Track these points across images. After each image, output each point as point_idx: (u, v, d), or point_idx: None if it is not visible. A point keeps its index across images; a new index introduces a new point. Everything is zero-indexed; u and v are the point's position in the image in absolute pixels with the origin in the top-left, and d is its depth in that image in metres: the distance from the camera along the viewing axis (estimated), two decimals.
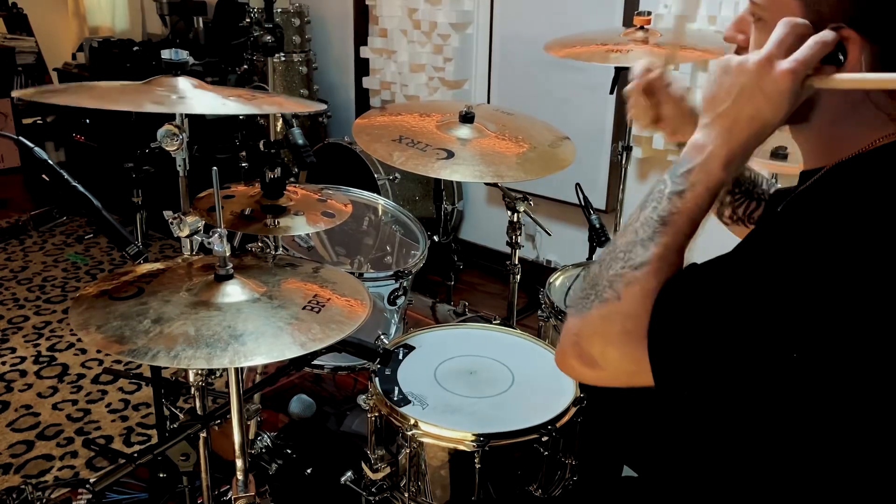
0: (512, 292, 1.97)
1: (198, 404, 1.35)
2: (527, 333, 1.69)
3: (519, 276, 1.97)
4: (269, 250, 1.89)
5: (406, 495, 1.42)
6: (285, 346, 1.04)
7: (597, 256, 2.19)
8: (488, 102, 3.28)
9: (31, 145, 1.28)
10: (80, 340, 2.84)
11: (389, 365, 1.52)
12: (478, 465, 1.32)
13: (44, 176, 1.28)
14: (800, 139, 0.94)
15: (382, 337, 1.82)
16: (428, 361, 1.56)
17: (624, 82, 2.23)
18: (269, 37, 2.36)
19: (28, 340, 2.85)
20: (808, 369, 0.74)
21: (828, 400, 0.76)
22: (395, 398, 1.42)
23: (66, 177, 1.29)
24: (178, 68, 1.36)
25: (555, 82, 3.01)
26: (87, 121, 3.99)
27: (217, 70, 3.81)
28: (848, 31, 0.79)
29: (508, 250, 1.94)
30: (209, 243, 1.15)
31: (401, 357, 1.57)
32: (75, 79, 4.21)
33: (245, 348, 1.02)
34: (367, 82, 3.75)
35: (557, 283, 1.97)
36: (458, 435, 1.33)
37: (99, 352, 2.76)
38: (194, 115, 1.39)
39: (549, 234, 2.11)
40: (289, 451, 1.85)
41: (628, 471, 1.46)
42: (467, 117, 1.81)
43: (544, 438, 1.35)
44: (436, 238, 2.87)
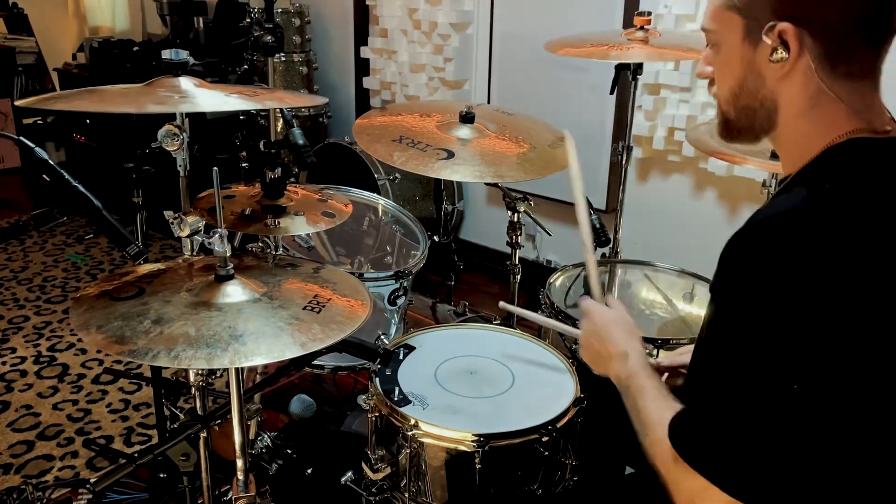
0: (512, 292, 1.97)
1: (198, 404, 1.35)
2: (527, 334, 1.69)
3: (519, 276, 1.97)
4: (269, 250, 1.89)
5: (406, 495, 1.42)
6: (285, 347, 1.04)
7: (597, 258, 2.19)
8: (488, 102, 3.28)
9: (32, 145, 1.28)
10: (80, 340, 2.84)
11: (390, 365, 1.52)
12: (478, 466, 1.32)
13: (44, 176, 1.28)
14: (776, 146, 0.98)
15: (383, 337, 1.82)
16: (428, 361, 1.56)
17: (625, 82, 2.24)
18: (269, 37, 2.36)
19: (28, 340, 2.85)
20: (811, 393, 0.79)
21: (834, 414, 0.81)
22: (396, 398, 1.42)
23: (67, 177, 1.29)
24: (179, 68, 1.36)
25: (555, 82, 3.01)
26: (88, 121, 3.99)
27: (217, 70, 3.81)
28: (782, 24, 0.85)
29: (509, 250, 1.94)
30: (210, 244, 1.15)
31: (401, 357, 1.57)
32: (75, 79, 4.21)
33: (245, 348, 1.02)
34: (367, 82, 3.75)
35: (557, 283, 1.97)
36: (458, 435, 1.33)
37: (99, 352, 2.76)
38: (194, 116, 1.40)
39: (550, 235, 2.11)
40: (289, 452, 1.85)
41: (630, 471, 1.46)
42: (467, 117, 1.81)
43: (545, 439, 1.35)
44: (436, 238, 2.87)
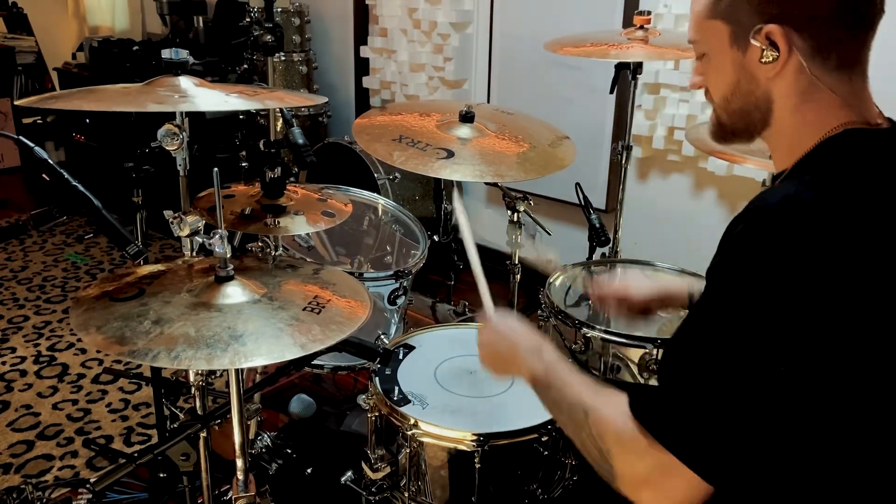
0: (512, 292, 1.97)
1: (198, 404, 1.35)
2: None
3: (519, 276, 1.97)
4: (269, 250, 1.89)
5: (406, 495, 1.42)
6: (285, 347, 1.04)
7: (597, 257, 2.19)
8: (488, 102, 3.28)
9: (32, 145, 1.28)
10: (80, 340, 2.84)
11: (389, 365, 1.52)
12: (478, 465, 1.32)
13: (44, 175, 1.28)
14: (770, 143, 0.99)
15: (382, 337, 1.82)
16: (428, 361, 1.56)
17: (625, 81, 2.24)
18: (269, 36, 2.36)
19: (28, 340, 2.85)
20: (798, 377, 0.79)
21: (821, 401, 0.80)
22: (395, 398, 1.42)
23: (67, 176, 1.29)
24: (179, 68, 1.35)
25: (555, 82, 3.01)
26: (88, 120, 3.99)
27: (217, 70, 3.80)
28: (769, 26, 0.87)
29: (508, 250, 1.94)
30: (210, 244, 1.15)
31: (401, 357, 1.57)
32: (75, 78, 4.20)
33: (245, 349, 1.02)
34: (367, 82, 3.75)
35: (557, 282, 1.97)
36: (458, 435, 1.33)
37: (99, 351, 2.76)
38: (194, 115, 1.39)
39: (549, 234, 2.11)
40: (289, 451, 1.85)
41: None
42: (467, 117, 1.81)
43: (544, 438, 1.35)
44: (436, 238, 2.87)
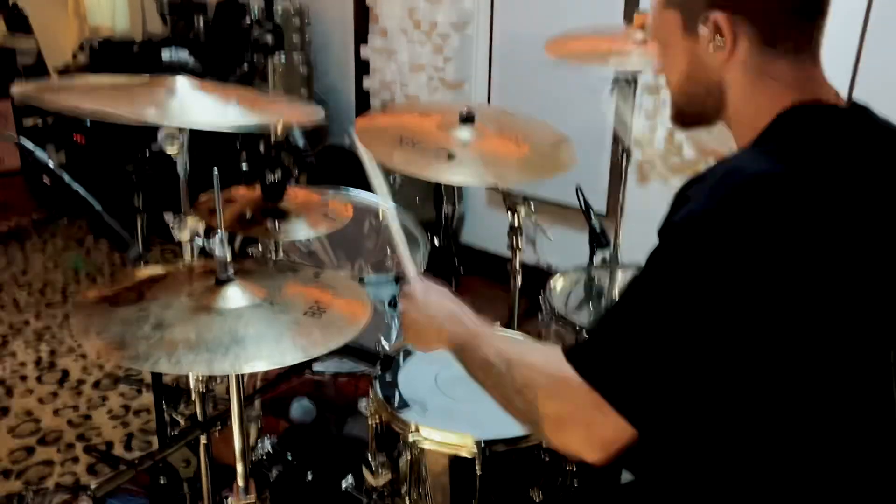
0: (513, 296, 1.96)
1: (198, 410, 1.35)
2: (529, 338, 1.68)
3: (520, 280, 1.96)
4: (269, 254, 1.89)
5: (407, 501, 1.41)
6: (286, 351, 1.04)
7: (595, 269, 2.18)
8: (488, 103, 3.28)
9: (33, 148, 1.27)
10: (80, 345, 2.83)
11: (390, 370, 1.52)
12: (479, 472, 1.31)
13: (45, 178, 1.28)
14: (729, 126, 1.00)
15: (383, 341, 1.82)
16: (428, 367, 1.55)
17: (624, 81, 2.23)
18: (269, 37, 2.36)
19: (29, 345, 2.84)
20: (732, 339, 0.81)
21: (751, 366, 0.83)
22: (396, 404, 1.42)
23: (67, 179, 1.28)
24: (179, 68, 1.35)
25: (555, 83, 3.01)
26: (88, 123, 3.98)
27: (217, 70, 3.80)
28: (715, 14, 0.89)
29: (509, 254, 1.93)
30: (210, 247, 1.14)
31: (401, 362, 1.57)
32: None
33: (246, 353, 1.01)
34: (367, 82, 3.75)
35: (558, 287, 1.96)
36: (458, 441, 1.32)
37: (99, 356, 2.75)
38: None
39: (550, 239, 2.10)
40: (289, 457, 1.84)
41: (627, 476, 1.45)
42: (468, 118, 1.80)
43: (545, 444, 1.34)
44: (436, 241, 2.86)
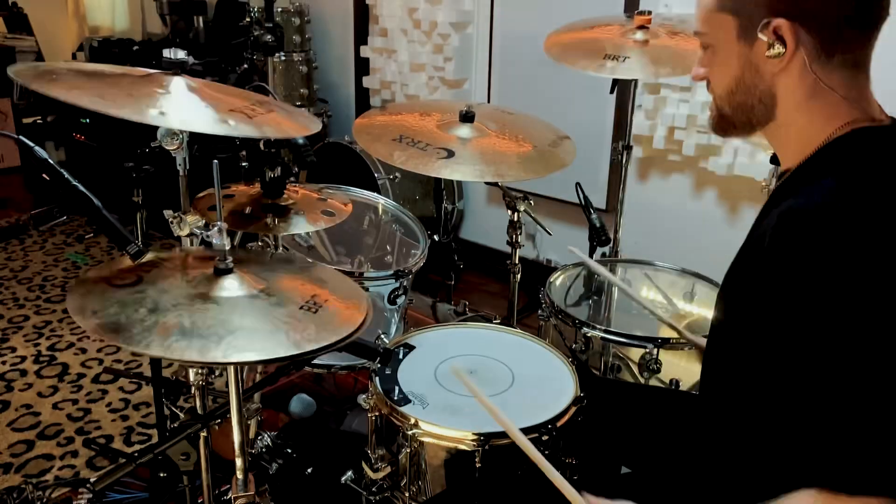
0: (512, 292, 1.97)
1: (198, 404, 1.35)
2: (527, 333, 1.68)
3: (519, 276, 1.97)
4: (269, 249, 1.89)
5: (406, 495, 1.42)
6: (279, 345, 1.03)
7: (597, 257, 2.19)
8: (488, 102, 3.28)
9: (32, 144, 1.27)
10: (80, 340, 2.84)
11: (390, 364, 1.52)
12: (478, 465, 1.32)
13: (44, 175, 1.28)
14: (773, 140, 1.00)
15: (383, 336, 1.82)
16: (428, 361, 1.55)
17: (624, 81, 2.23)
18: (269, 36, 2.36)
19: (28, 340, 2.85)
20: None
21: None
22: (396, 398, 1.42)
23: (67, 176, 1.28)
24: (178, 68, 1.35)
25: (555, 82, 3.01)
26: (87, 120, 3.99)
27: (217, 69, 3.80)
28: (777, 20, 0.88)
29: (509, 250, 1.94)
30: (209, 237, 1.14)
31: (401, 356, 1.57)
32: None
33: (238, 343, 1.01)
34: (367, 81, 3.75)
35: (558, 282, 1.97)
36: (458, 434, 1.33)
37: (99, 350, 2.76)
38: None
39: (550, 234, 2.11)
40: (289, 451, 1.85)
41: (626, 471, 1.46)
42: (467, 116, 1.81)
43: (544, 438, 1.35)
44: (436, 237, 2.87)
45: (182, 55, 1.37)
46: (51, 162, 1.28)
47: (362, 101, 3.88)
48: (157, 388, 1.91)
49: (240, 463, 1.24)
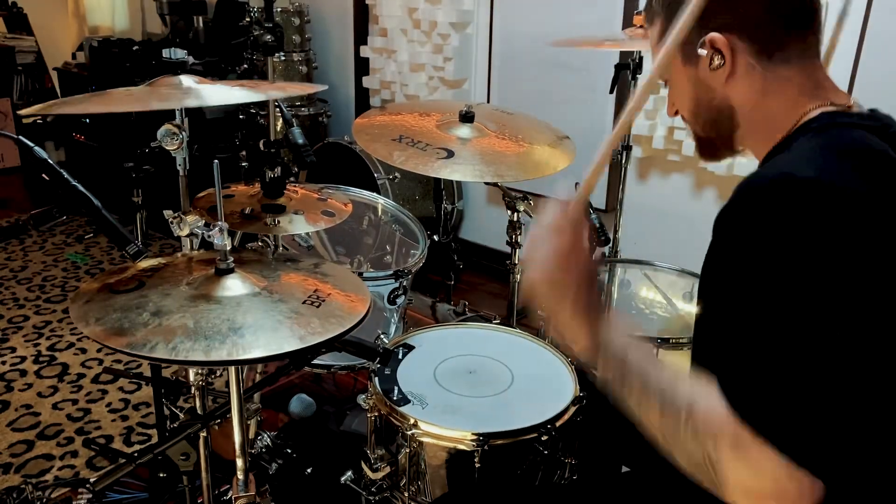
0: (512, 292, 1.97)
1: (198, 404, 1.35)
2: (527, 333, 1.69)
3: (519, 276, 1.97)
4: (268, 249, 1.89)
5: (406, 495, 1.42)
6: (284, 340, 1.03)
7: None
8: (488, 102, 3.28)
9: (32, 145, 1.28)
10: (80, 340, 2.84)
11: (389, 364, 1.52)
12: (478, 465, 1.32)
13: (44, 175, 1.28)
14: (746, 143, 1.01)
15: (382, 336, 1.82)
16: (428, 361, 1.56)
17: (624, 82, 2.23)
18: (269, 36, 2.36)
19: (28, 340, 2.85)
20: (853, 343, 0.76)
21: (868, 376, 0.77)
22: (395, 398, 1.42)
23: (66, 176, 1.28)
24: (178, 68, 1.36)
25: (555, 82, 3.01)
26: (87, 120, 3.98)
27: (217, 69, 3.81)
28: (710, 35, 0.92)
29: (508, 250, 1.94)
30: (209, 237, 1.15)
31: (400, 356, 1.57)
32: (75, 78, 4.20)
33: (244, 341, 1.01)
34: (367, 82, 3.75)
35: None
36: (457, 434, 1.33)
37: (99, 350, 2.76)
38: (194, 115, 1.39)
39: None
40: (289, 451, 1.85)
41: (626, 471, 1.46)
42: (467, 117, 1.81)
43: (544, 438, 1.35)
44: (436, 237, 2.86)
45: (182, 55, 1.37)
46: (51, 162, 1.28)
47: (362, 102, 3.88)
48: (156, 389, 1.91)
49: (240, 463, 1.24)
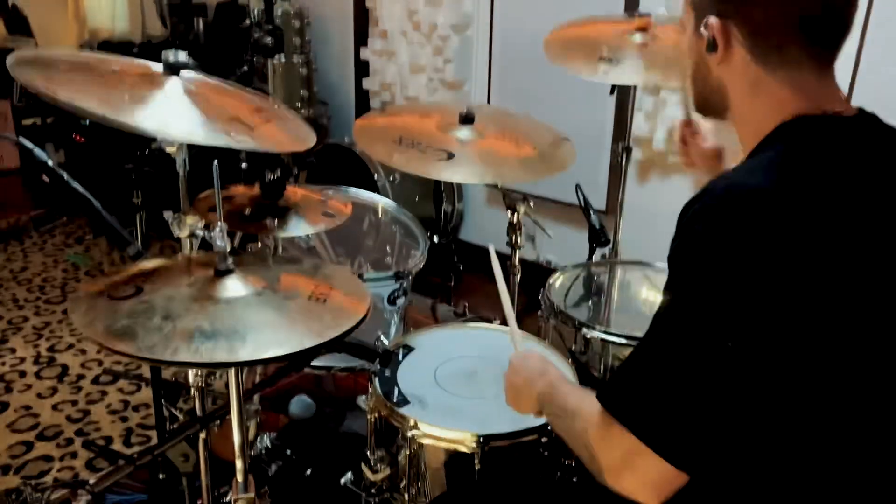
0: (512, 293, 1.97)
1: (197, 405, 1.35)
2: (527, 334, 1.68)
3: (519, 277, 1.97)
4: (268, 251, 1.89)
5: (406, 496, 1.42)
6: (303, 336, 1.03)
7: (597, 257, 2.19)
8: (488, 103, 3.28)
9: (32, 146, 1.28)
10: (79, 341, 2.84)
11: (389, 366, 1.52)
12: (478, 467, 1.32)
13: (44, 177, 1.28)
14: (736, 131, 1.01)
15: (382, 337, 1.82)
16: (428, 362, 1.56)
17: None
18: (269, 38, 2.36)
19: (28, 341, 2.85)
20: (746, 356, 0.79)
21: (772, 384, 0.81)
22: (395, 399, 1.42)
23: (66, 178, 1.29)
24: (178, 69, 1.36)
25: (555, 83, 3.01)
26: (87, 122, 3.98)
27: (217, 71, 3.80)
28: (712, 19, 0.91)
29: (508, 251, 1.94)
30: (210, 238, 1.14)
31: (400, 358, 1.57)
32: None
33: (264, 338, 1.01)
34: (367, 83, 3.75)
35: (557, 283, 1.97)
36: (457, 436, 1.33)
37: (99, 352, 2.76)
38: None
39: (550, 236, 2.11)
40: (288, 452, 1.85)
41: None
42: (467, 118, 1.81)
43: (544, 439, 1.35)
44: (436, 239, 2.87)
45: (182, 56, 1.37)
46: (50, 163, 1.28)
47: (362, 103, 3.88)
48: (156, 390, 1.91)
49: (240, 464, 1.23)
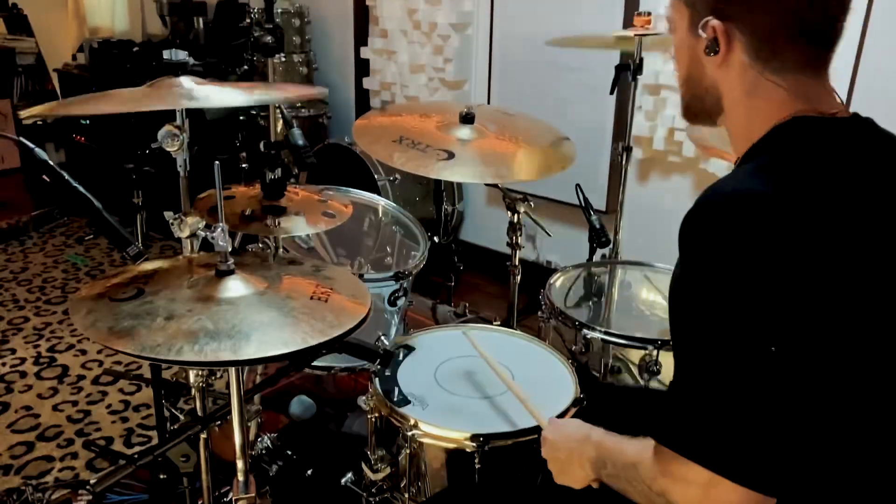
0: (512, 293, 1.97)
1: (198, 405, 1.35)
2: (527, 334, 1.69)
3: (519, 277, 1.97)
4: (269, 251, 1.89)
5: (406, 496, 1.42)
6: (308, 333, 1.03)
7: (598, 256, 2.19)
8: (488, 103, 3.28)
9: (32, 146, 1.28)
10: (80, 341, 2.84)
11: (389, 366, 1.52)
12: (478, 466, 1.32)
13: (44, 177, 1.28)
14: (728, 131, 1.00)
15: (383, 338, 1.82)
16: (428, 362, 1.56)
17: (625, 82, 2.23)
18: (269, 37, 2.36)
19: (28, 342, 2.85)
20: (789, 357, 0.78)
21: (816, 378, 0.80)
22: (395, 399, 1.42)
23: (67, 177, 1.29)
24: (178, 68, 1.36)
25: (555, 82, 3.01)
26: (87, 121, 3.98)
27: (217, 70, 3.80)
28: (713, 21, 0.90)
29: (509, 251, 1.94)
30: (212, 238, 1.15)
31: (401, 358, 1.57)
32: (75, 79, 4.20)
33: (268, 338, 1.02)
34: (367, 83, 3.75)
35: (558, 283, 1.97)
36: (458, 435, 1.33)
37: (99, 352, 2.76)
38: (194, 116, 1.39)
39: (550, 235, 2.11)
40: (289, 453, 1.85)
41: None
42: (468, 118, 1.81)
43: None
44: (436, 239, 2.87)
45: (182, 56, 1.37)
46: (51, 163, 1.28)
47: (362, 103, 3.88)
48: (156, 390, 1.91)
49: (241, 465, 1.24)
